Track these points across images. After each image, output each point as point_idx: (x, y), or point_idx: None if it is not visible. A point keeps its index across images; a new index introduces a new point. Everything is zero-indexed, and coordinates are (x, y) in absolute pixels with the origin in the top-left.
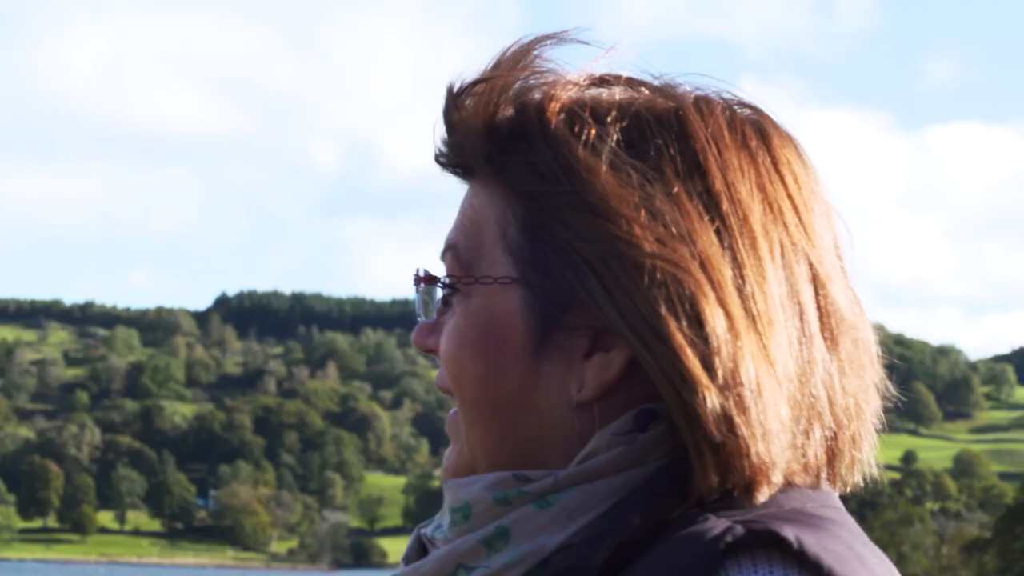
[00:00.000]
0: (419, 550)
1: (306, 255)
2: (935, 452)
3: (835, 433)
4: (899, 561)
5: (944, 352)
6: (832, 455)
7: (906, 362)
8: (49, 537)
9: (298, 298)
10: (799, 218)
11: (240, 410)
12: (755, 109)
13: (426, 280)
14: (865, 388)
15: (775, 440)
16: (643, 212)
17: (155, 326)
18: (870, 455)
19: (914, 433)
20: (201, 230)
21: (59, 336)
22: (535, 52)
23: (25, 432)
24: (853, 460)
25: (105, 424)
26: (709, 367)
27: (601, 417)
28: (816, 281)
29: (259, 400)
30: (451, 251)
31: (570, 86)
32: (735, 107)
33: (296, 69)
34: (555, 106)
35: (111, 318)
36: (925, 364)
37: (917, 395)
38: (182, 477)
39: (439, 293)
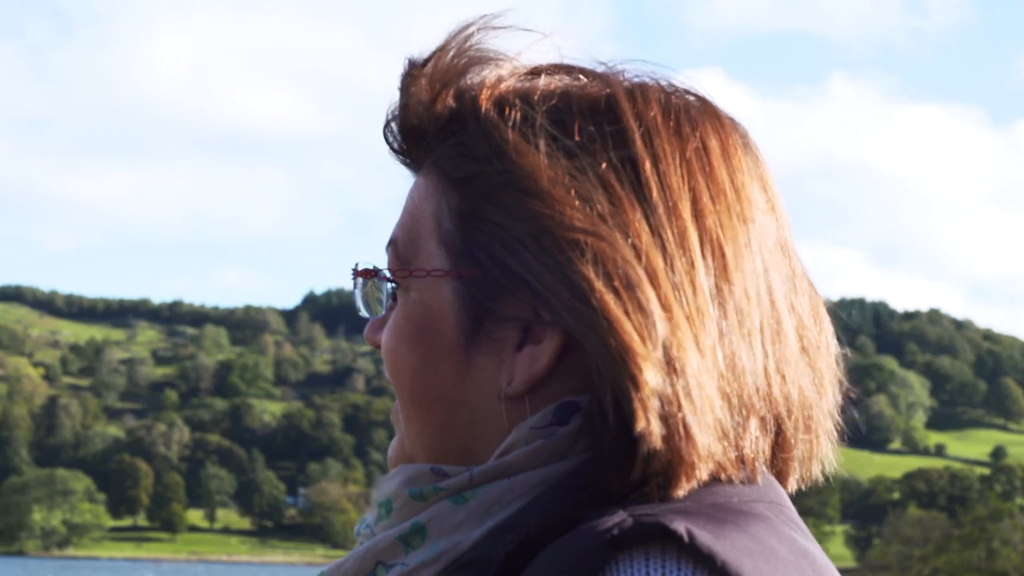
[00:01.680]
0: None
1: None
2: None
3: (780, 425)
4: (988, 556)
5: None
6: (779, 448)
7: (995, 357)
8: (139, 535)
9: None
10: (732, 209)
11: (329, 408)
12: (699, 98)
13: (362, 274)
14: (816, 379)
15: (710, 431)
16: (573, 193)
17: (243, 324)
18: (827, 448)
19: (1003, 428)
20: (290, 228)
21: (148, 335)
22: (479, 40)
23: (115, 431)
24: (811, 452)
25: (194, 423)
26: (650, 343)
27: (531, 410)
28: (746, 272)
29: (348, 398)
30: (392, 245)
31: (507, 73)
32: (675, 95)
33: (384, 66)
34: (488, 92)
35: (199, 317)
36: (1015, 359)
37: (1006, 390)
38: (271, 475)
39: (388, 288)
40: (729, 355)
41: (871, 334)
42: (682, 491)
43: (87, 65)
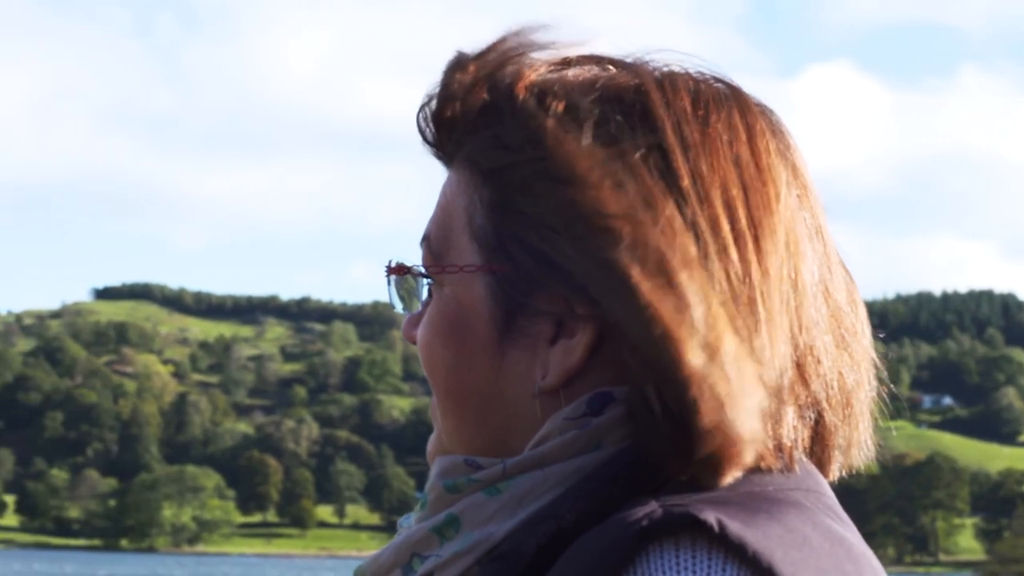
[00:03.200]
0: None
1: None
2: None
3: (819, 413)
4: None
5: None
6: (819, 436)
7: None
8: (269, 531)
9: None
10: (762, 196)
11: None
12: (728, 85)
13: (396, 271)
14: (853, 364)
15: (754, 414)
16: (608, 181)
17: (372, 320)
18: (867, 435)
19: None
20: (419, 224)
21: (276, 332)
22: (524, 39)
23: (244, 427)
24: (851, 439)
25: (323, 419)
26: (688, 328)
27: (566, 404)
28: (781, 259)
29: None
30: (425, 242)
31: (540, 65)
32: (704, 83)
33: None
34: (524, 83)
35: (327, 313)
36: None
37: None
38: (400, 471)
39: (423, 285)
40: (764, 342)
41: (1000, 326)
42: (728, 477)
43: (215, 62)
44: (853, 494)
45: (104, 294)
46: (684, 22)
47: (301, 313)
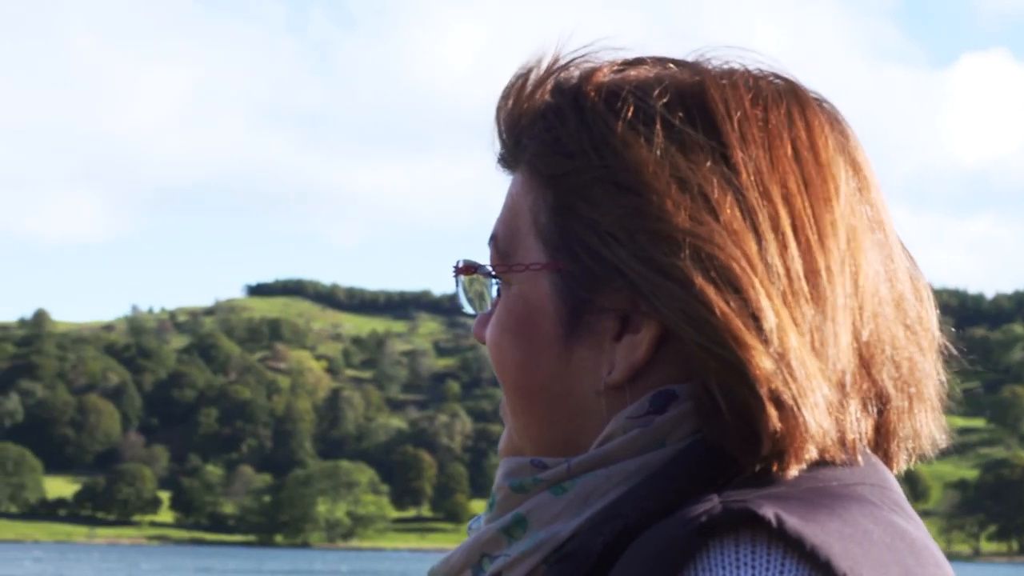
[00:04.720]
0: None
1: None
2: None
3: (883, 405)
4: None
5: None
6: (883, 428)
7: None
8: (423, 526)
9: None
10: (821, 191)
11: None
12: (787, 81)
13: (464, 271)
14: (920, 355)
15: (820, 410)
16: (674, 187)
17: None
18: (936, 426)
19: None
20: None
21: (429, 327)
22: (576, 45)
23: (397, 422)
24: (918, 431)
25: (476, 413)
26: (759, 334)
27: (631, 400)
28: (842, 253)
29: None
30: (493, 242)
31: (605, 66)
32: (763, 80)
33: (668, 53)
34: (592, 85)
35: None
36: None
37: None
38: None
39: (492, 284)
40: (827, 336)
41: None
42: (793, 471)
43: (369, 58)
44: (1008, 486)
45: (257, 291)
46: (836, 13)
47: (454, 308)
